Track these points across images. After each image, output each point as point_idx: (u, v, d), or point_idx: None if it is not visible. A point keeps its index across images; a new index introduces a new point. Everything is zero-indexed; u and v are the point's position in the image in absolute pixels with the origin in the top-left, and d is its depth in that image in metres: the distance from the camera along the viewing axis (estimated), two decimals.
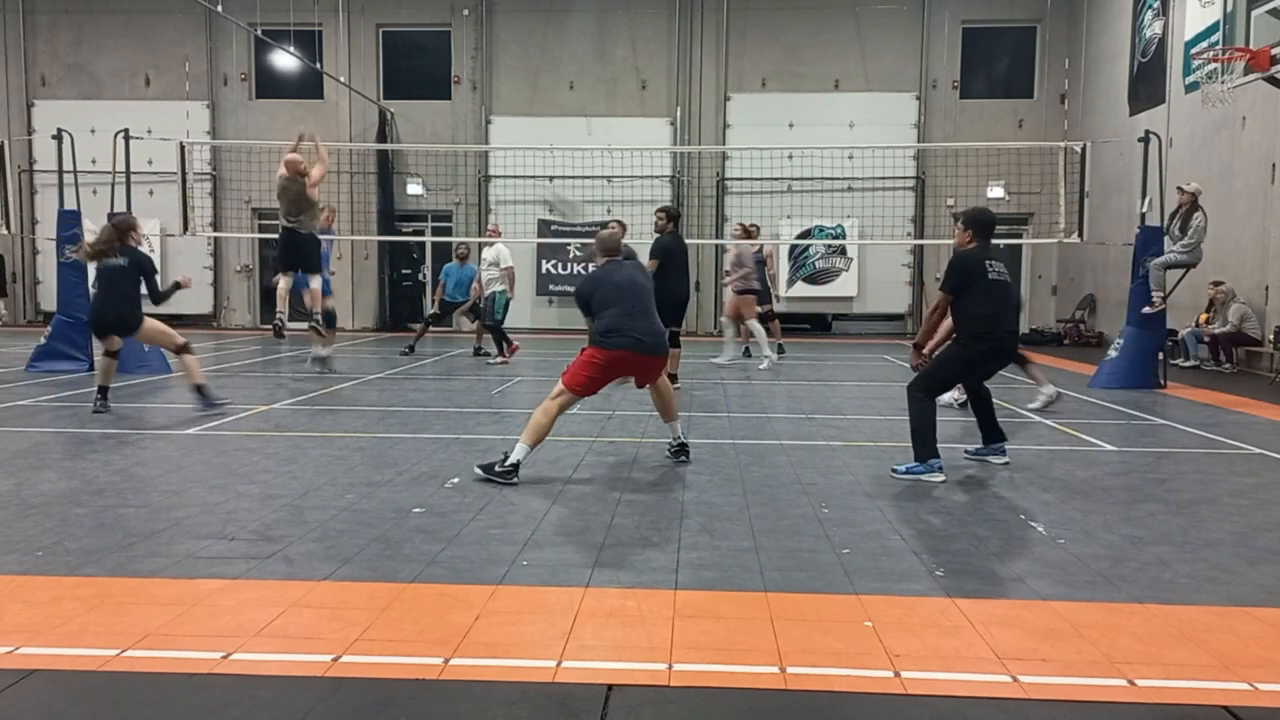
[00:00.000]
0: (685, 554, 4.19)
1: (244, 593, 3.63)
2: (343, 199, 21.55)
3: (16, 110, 21.88)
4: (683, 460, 6.33)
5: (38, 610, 3.43)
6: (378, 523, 4.68)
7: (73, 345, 11.62)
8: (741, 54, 21.37)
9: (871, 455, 6.63)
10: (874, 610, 3.50)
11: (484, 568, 3.98)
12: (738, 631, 3.30)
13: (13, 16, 21.89)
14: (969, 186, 19.62)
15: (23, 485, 5.43)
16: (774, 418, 8.43)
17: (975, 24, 21.29)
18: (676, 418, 6.41)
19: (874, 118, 20.74)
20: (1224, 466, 6.38)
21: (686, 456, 6.37)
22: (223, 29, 21.03)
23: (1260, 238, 13.37)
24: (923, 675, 2.95)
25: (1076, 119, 20.17)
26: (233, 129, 21.68)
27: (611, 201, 20.14)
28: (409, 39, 22.27)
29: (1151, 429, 7.93)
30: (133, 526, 4.55)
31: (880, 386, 11.24)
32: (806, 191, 20.57)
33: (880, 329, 21.56)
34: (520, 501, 5.16)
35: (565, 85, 21.54)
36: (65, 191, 11.88)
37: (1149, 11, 16.62)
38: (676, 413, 6.42)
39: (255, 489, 5.38)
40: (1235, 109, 13.26)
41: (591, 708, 2.71)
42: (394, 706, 2.72)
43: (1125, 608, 3.58)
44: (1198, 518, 4.96)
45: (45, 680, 2.89)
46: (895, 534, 4.55)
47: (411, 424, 7.86)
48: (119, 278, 8.32)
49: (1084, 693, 2.86)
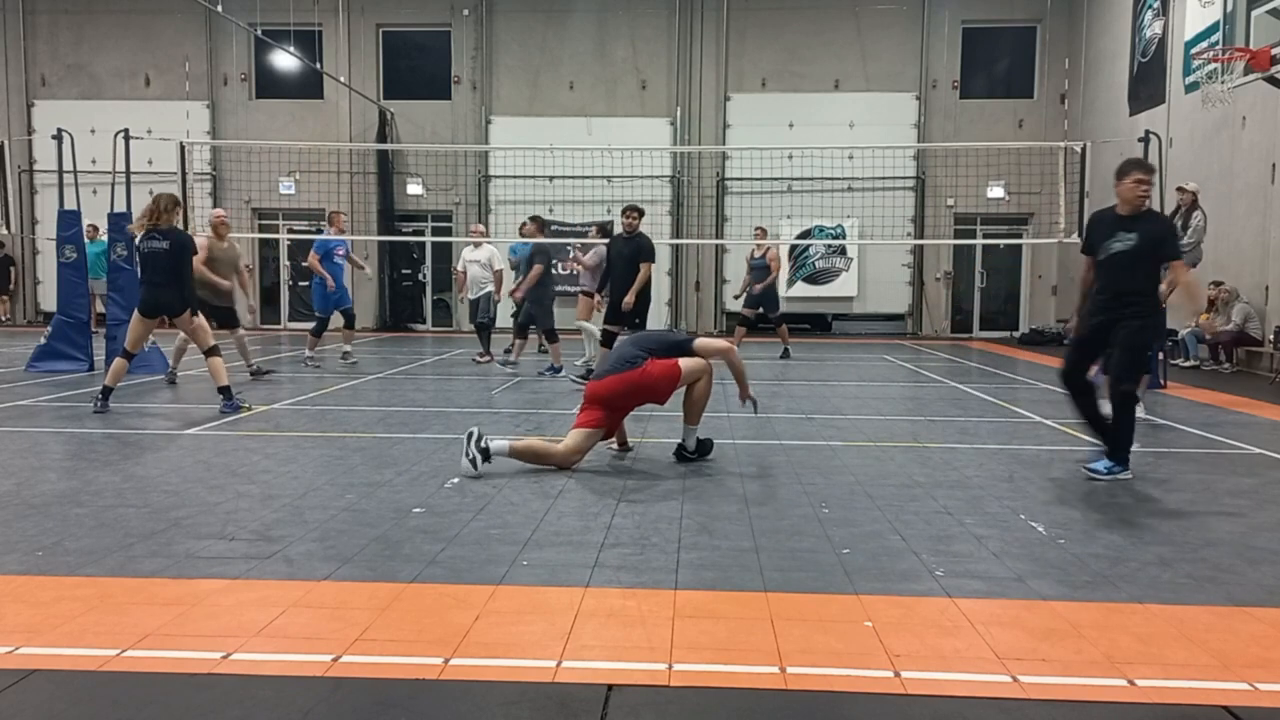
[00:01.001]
0: (685, 554, 4.19)
1: (244, 593, 3.63)
2: (343, 199, 21.56)
3: (16, 110, 21.88)
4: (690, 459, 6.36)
5: (38, 610, 3.43)
6: (378, 523, 4.68)
7: (73, 345, 11.62)
8: (741, 54, 21.37)
9: (871, 455, 6.63)
10: (874, 610, 3.50)
11: (484, 568, 3.98)
12: (738, 631, 3.30)
13: (13, 16, 21.90)
14: (969, 186, 19.65)
15: (23, 485, 5.43)
16: (774, 418, 8.43)
17: (975, 24, 21.30)
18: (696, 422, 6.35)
19: (874, 118, 20.75)
20: (1224, 466, 6.37)
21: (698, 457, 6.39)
22: (223, 29, 21.03)
23: (1260, 238, 13.37)
24: (923, 675, 2.95)
25: (1076, 119, 20.17)
26: (233, 129, 21.69)
27: (611, 201, 20.13)
28: (409, 39, 22.28)
29: (1151, 429, 7.93)
30: (133, 526, 4.55)
31: (880, 386, 11.24)
32: (806, 191, 20.58)
33: (880, 329, 21.57)
34: (520, 501, 5.15)
35: (565, 85, 21.55)
36: (65, 191, 11.87)
37: (1149, 11, 16.62)
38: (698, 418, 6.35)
39: (255, 489, 5.38)
40: (1235, 109, 13.26)
41: (591, 708, 2.71)
42: (394, 706, 2.72)
43: (1125, 608, 3.57)
44: (1198, 518, 4.96)
45: (45, 680, 2.88)
46: (895, 534, 4.55)
47: (411, 424, 7.85)
48: (158, 259, 8.24)
49: (1084, 693, 2.86)
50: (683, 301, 21.70)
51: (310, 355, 12.75)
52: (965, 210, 20.95)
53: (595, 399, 6.12)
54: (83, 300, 11.75)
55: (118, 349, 11.40)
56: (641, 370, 6.02)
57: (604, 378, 6.13)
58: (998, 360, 15.13)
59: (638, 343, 6.31)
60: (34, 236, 21.67)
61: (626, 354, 6.16)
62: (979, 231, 21.27)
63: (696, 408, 6.25)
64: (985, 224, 21.38)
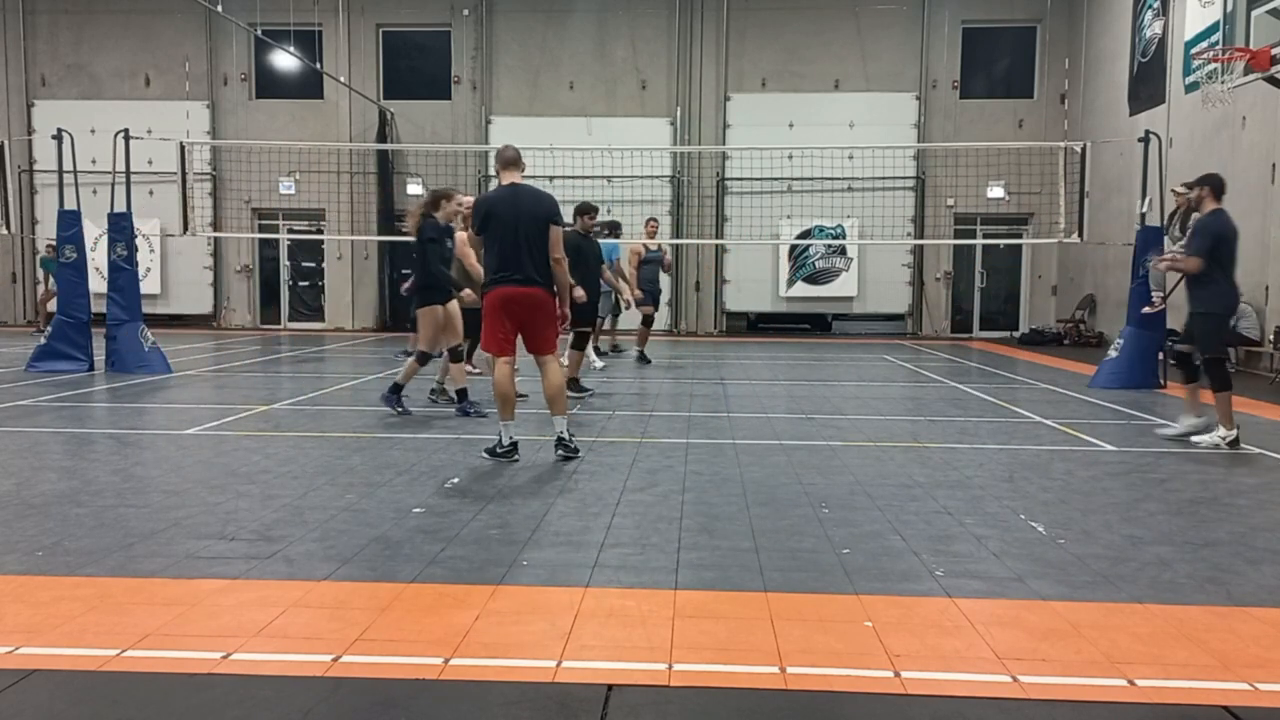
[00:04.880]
0: (685, 554, 4.19)
1: (244, 593, 3.63)
2: (343, 199, 21.57)
3: (16, 110, 21.88)
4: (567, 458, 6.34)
5: (38, 610, 3.44)
6: (378, 523, 4.68)
7: (73, 345, 11.60)
8: (741, 54, 21.37)
9: (871, 455, 6.63)
10: (874, 610, 3.50)
11: (484, 568, 3.98)
12: (738, 631, 3.30)
13: (13, 16, 21.89)
14: (969, 186, 19.65)
15: (23, 485, 5.43)
16: (774, 418, 8.43)
17: (975, 24, 21.29)
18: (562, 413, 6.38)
19: (874, 118, 20.74)
20: (1224, 466, 6.38)
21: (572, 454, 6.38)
22: (223, 29, 21.03)
23: (1260, 238, 13.36)
24: (923, 675, 2.95)
25: (1076, 119, 20.16)
26: (233, 129, 21.68)
27: (612, 201, 20.12)
28: (409, 39, 22.27)
29: (1151, 429, 7.93)
30: (133, 526, 4.55)
31: (880, 386, 11.24)
32: (806, 191, 20.57)
33: (880, 329, 21.56)
34: (520, 501, 5.16)
35: (565, 85, 21.55)
36: (65, 191, 11.87)
37: (1149, 11, 16.62)
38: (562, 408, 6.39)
39: (255, 489, 5.38)
40: (1235, 109, 13.26)
41: (591, 708, 2.71)
42: (394, 706, 2.72)
43: (1125, 608, 3.57)
44: (1198, 518, 4.96)
45: (45, 680, 2.89)
46: (895, 534, 4.55)
47: (411, 424, 7.86)
48: (418, 251, 8.06)
49: (1084, 693, 2.86)
50: (683, 302, 21.69)
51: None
52: (965, 210, 20.95)
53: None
54: (83, 300, 11.73)
55: (118, 349, 11.47)
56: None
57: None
58: (998, 360, 15.13)
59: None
60: (34, 236, 21.66)
61: None
62: (979, 231, 21.27)
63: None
64: (985, 224, 21.37)
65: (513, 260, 6.07)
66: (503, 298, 6.13)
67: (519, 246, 6.07)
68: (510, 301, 6.14)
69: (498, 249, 6.10)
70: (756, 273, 21.55)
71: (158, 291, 21.36)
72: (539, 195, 6.26)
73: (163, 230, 19.81)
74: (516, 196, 6.17)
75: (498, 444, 6.26)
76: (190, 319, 21.98)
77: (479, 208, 6.25)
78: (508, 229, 6.07)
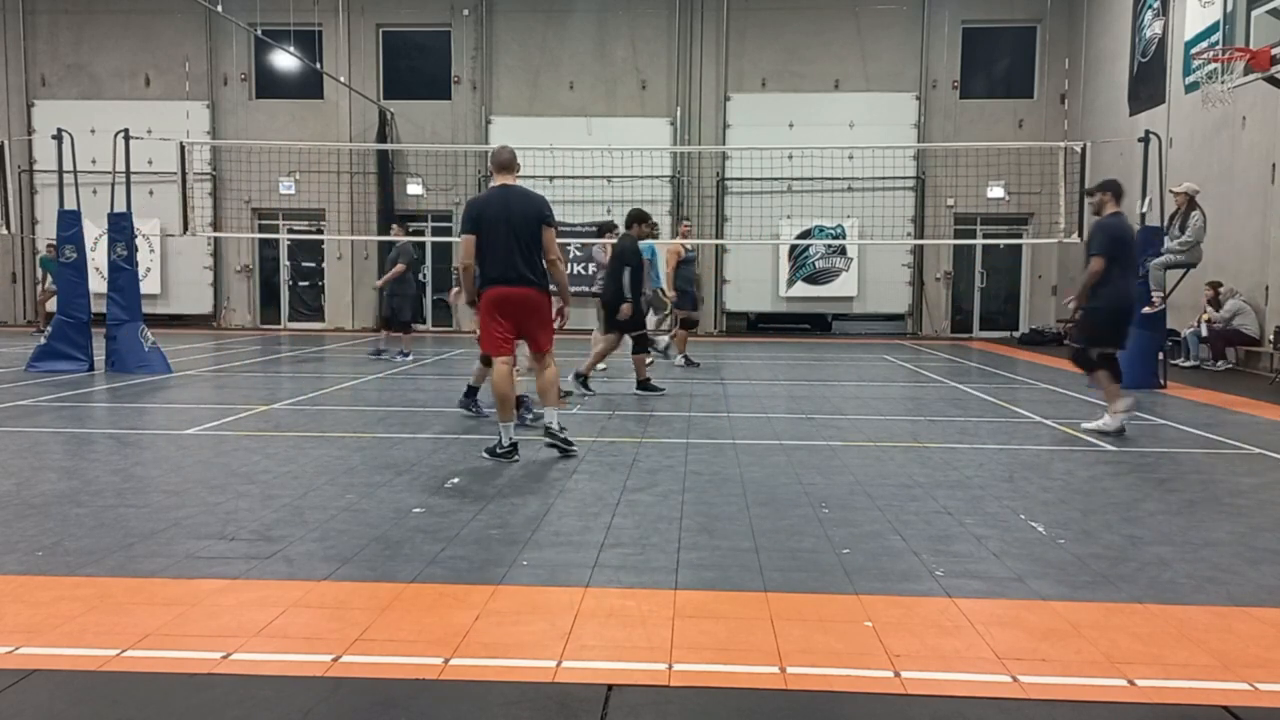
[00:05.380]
0: (685, 554, 4.19)
1: (244, 593, 3.63)
2: (343, 199, 21.58)
3: (16, 110, 21.89)
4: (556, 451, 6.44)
5: (38, 610, 3.43)
6: (378, 523, 4.68)
7: (73, 345, 11.60)
8: (741, 54, 21.37)
9: (871, 455, 6.63)
10: (874, 610, 3.50)
11: (484, 568, 3.97)
12: (738, 631, 3.30)
13: (13, 16, 21.90)
14: (969, 186, 19.66)
15: (23, 485, 5.43)
16: (774, 418, 8.43)
17: (975, 24, 21.30)
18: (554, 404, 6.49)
19: (874, 118, 20.75)
20: (1224, 466, 6.37)
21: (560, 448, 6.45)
22: (223, 29, 21.04)
23: (1260, 238, 13.37)
24: (923, 675, 2.95)
25: (1076, 119, 20.17)
26: (233, 129, 21.69)
27: (612, 201, 20.14)
28: (409, 39, 22.28)
29: (1151, 429, 7.93)
30: (133, 526, 4.55)
31: (880, 386, 11.24)
32: (806, 191, 20.58)
33: (880, 329, 21.57)
34: (520, 501, 5.16)
35: (565, 85, 21.55)
36: (65, 191, 11.87)
37: (1149, 11, 16.62)
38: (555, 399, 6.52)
39: (255, 489, 5.38)
40: (1235, 109, 13.26)
41: (591, 708, 2.71)
42: (394, 706, 2.72)
43: (1125, 608, 3.57)
44: (1198, 518, 4.96)
45: (45, 680, 2.88)
46: (895, 534, 4.55)
47: (411, 424, 7.86)
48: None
49: (1084, 693, 2.86)
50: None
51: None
52: (965, 210, 20.95)
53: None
54: (83, 300, 11.73)
55: (118, 349, 11.48)
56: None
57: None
58: (998, 360, 15.13)
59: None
60: (34, 236, 21.67)
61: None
62: (979, 231, 21.27)
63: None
64: (985, 224, 21.38)
65: (505, 261, 6.15)
66: (496, 298, 6.21)
67: (511, 247, 6.14)
68: (504, 302, 6.21)
69: (490, 250, 6.18)
70: (756, 273, 21.56)
71: (158, 291, 21.38)
72: (529, 196, 6.35)
73: (163, 230, 19.83)
74: (507, 197, 6.26)
75: (498, 444, 6.27)
76: (190, 319, 21.99)
77: (469, 209, 6.34)
78: (499, 230, 6.15)
